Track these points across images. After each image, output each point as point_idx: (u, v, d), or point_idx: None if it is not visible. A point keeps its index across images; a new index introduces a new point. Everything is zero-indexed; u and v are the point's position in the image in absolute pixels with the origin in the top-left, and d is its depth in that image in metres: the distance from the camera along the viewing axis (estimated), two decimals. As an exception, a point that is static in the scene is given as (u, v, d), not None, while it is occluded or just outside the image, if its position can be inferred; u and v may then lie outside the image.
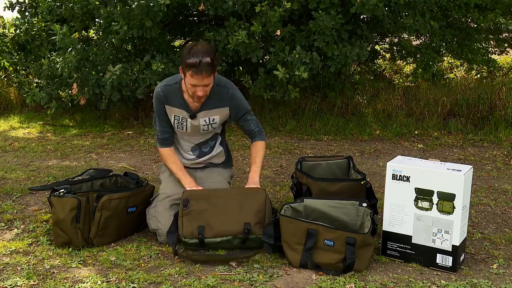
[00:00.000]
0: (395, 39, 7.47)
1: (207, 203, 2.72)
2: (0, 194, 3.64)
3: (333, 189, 2.85)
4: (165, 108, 2.89)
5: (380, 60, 8.21)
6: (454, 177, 2.43)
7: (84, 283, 2.37)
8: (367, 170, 4.31)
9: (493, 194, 3.70)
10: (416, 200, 2.53)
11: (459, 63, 8.29)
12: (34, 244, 2.81)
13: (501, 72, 7.79)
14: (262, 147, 2.99)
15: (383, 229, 2.64)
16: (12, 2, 6.75)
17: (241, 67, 6.19)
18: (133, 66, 5.44)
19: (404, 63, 8.31)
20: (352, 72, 7.54)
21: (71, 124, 6.39)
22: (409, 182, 2.53)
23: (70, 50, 5.34)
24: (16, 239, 2.87)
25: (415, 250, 2.56)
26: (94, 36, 6.06)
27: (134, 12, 4.89)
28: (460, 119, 5.86)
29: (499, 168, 4.39)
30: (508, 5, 6.34)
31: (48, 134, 5.87)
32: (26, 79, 6.74)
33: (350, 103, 6.21)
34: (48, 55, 6.02)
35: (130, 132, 5.90)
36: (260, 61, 5.98)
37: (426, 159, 3.95)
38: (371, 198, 2.95)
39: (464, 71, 8.11)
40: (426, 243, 2.53)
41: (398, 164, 2.57)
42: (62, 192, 2.69)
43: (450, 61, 8.39)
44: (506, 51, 8.44)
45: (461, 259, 2.54)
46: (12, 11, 6.75)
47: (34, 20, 6.59)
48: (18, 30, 6.63)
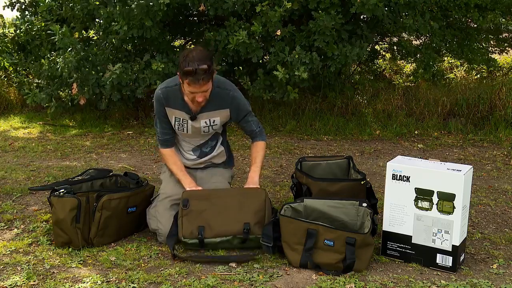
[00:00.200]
0: (395, 39, 7.47)
1: (206, 203, 2.72)
2: (0, 194, 3.64)
3: (333, 189, 2.85)
4: (165, 110, 2.88)
5: (380, 60, 8.20)
6: (454, 177, 2.43)
7: (84, 283, 2.37)
8: (367, 170, 4.31)
9: (493, 194, 3.70)
10: (416, 200, 2.53)
11: (459, 63, 8.28)
12: (34, 244, 2.81)
13: (501, 72, 7.79)
14: (262, 147, 3.01)
15: (383, 229, 2.64)
16: (12, 1, 6.75)
17: (241, 67, 6.19)
18: (133, 65, 5.43)
19: (404, 63, 8.31)
20: (352, 72, 7.54)
21: (71, 124, 6.38)
22: (409, 182, 2.53)
23: (70, 50, 5.34)
24: (16, 239, 2.87)
25: (415, 250, 2.56)
26: (94, 36, 6.05)
27: (133, 12, 4.89)
28: (460, 119, 5.85)
29: (499, 168, 4.39)
30: (508, 5, 6.34)
31: (48, 134, 5.87)
32: (26, 79, 6.73)
33: (350, 103, 6.21)
34: (48, 55, 6.02)
35: (130, 132, 5.90)
36: (260, 61, 5.97)
37: (426, 159, 3.94)
38: (371, 198, 2.95)
39: (464, 71, 8.11)
40: (426, 243, 2.53)
41: (398, 164, 2.57)
42: (62, 192, 2.70)
43: (450, 61, 8.38)
44: (506, 51, 8.43)
45: (461, 259, 2.54)
46: (12, 10, 6.76)
47: (34, 20, 6.58)
48: (18, 30, 6.63)
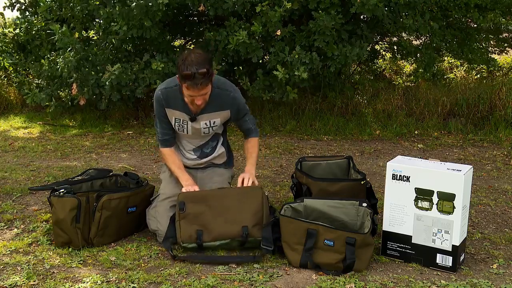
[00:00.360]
0: (395, 39, 7.46)
1: (203, 205, 2.69)
2: (0, 194, 3.65)
3: (333, 189, 2.85)
4: (165, 111, 2.88)
5: (380, 60, 8.20)
6: (454, 177, 2.42)
7: (84, 283, 2.37)
8: (367, 170, 4.31)
9: (493, 194, 3.69)
10: (416, 200, 2.52)
11: (459, 63, 8.28)
12: (34, 244, 2.81)
13: (501, 72, 7.79)
14: (257, 143, 3.08)
15: (383, 229, 2.64)
16: (12, 1, 6.75)
17: (241, 67, 6.19)
18: (132, 65, 5.43)
19: (404, 63, 8.31)
20: (352, 72, 7.54)
21: (71, 124, 6.38)
22: (409, 182, 2.53)
23: (69, 50, 5.34)
24: (16, 239, 2.87)
25: (415, 250, 2.56)
26: (94, 36, 6.05)
27: (133, 12, 4.89)
28: (460, 119, 5.85)
29: (499, 168, 4.39)
30: (508, 5, 6.34)
31: (48, 134, 5.87)
32: (26, 79, 6.74)
33: (350, 103, 6.21)
34: (48, 55, 6.02)
35: (130, 132, 5.90)
36: (260, 61, 5.97)
37: (426, 159, 3.94)
38: (371, 198, 2.95)
39: (464, 71, 8.11)
40: (426, 243, 2.53)
41: (398, 164, 2.57)
42: (62, 192, 2.70)
43: (450, 61, 8.38)
44: (506, 51, 8.43)
45: (461, 259, 2.54)
46: (12, 11, 6.75)
47: (34, 19, 6.58)
48: (18, 29, 6.63)
